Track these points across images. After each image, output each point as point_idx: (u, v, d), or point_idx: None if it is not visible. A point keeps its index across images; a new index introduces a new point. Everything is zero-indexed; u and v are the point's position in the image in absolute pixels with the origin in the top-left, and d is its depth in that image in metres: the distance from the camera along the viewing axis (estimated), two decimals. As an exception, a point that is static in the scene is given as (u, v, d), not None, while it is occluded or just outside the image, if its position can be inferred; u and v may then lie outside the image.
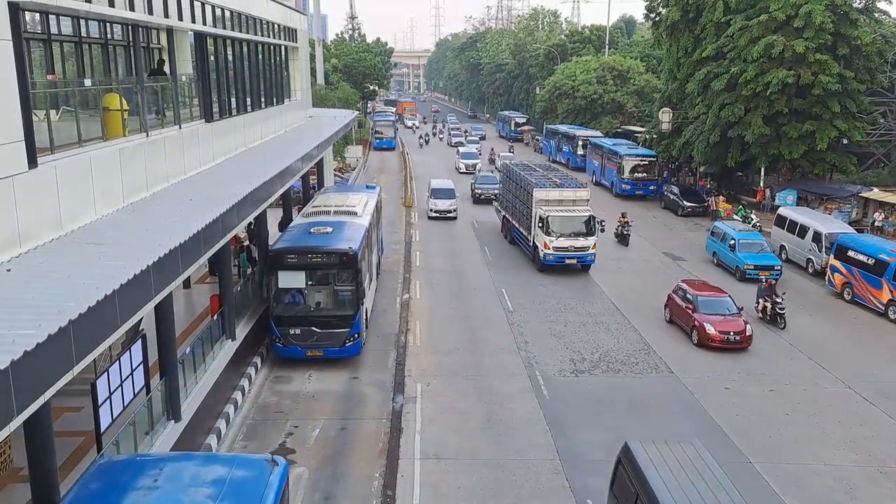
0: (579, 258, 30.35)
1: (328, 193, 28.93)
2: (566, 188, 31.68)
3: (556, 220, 30.06)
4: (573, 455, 16.46)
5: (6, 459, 13.44)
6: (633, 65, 71.78)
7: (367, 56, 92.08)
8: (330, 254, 20.48)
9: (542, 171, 35.64)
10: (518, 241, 34.42)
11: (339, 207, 24.79)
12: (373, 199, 27.75)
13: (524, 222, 32.75)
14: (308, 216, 24.23)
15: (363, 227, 23.20)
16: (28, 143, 11.00)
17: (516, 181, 34.59)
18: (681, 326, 24.29)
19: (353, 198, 26.54)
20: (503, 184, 37.79)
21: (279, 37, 29.16)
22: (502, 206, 37.89)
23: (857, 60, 38.81)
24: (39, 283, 9.64)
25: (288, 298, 20.68)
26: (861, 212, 38.06)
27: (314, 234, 21.60)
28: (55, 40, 15.11)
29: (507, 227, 36.57)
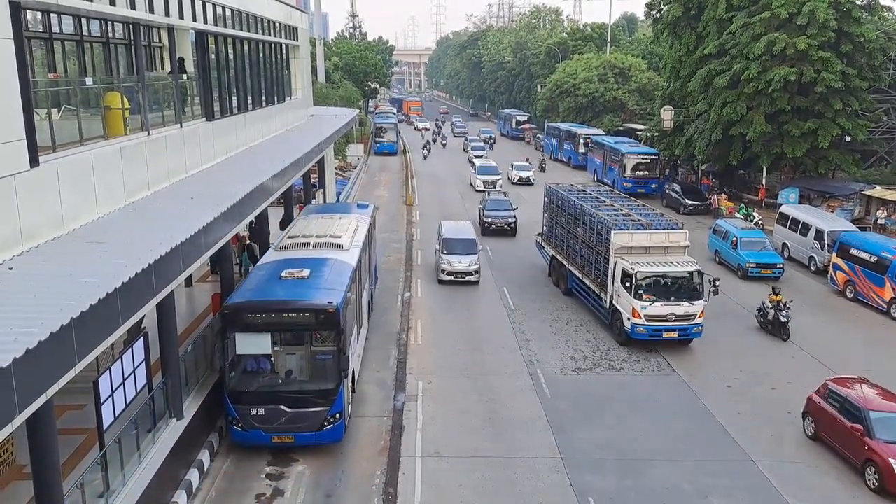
0: (682, 331, 22.08)
1: (310, 217, 23.79)
2: (656, 230, 23.31)
3: (649, 278, 22.08)
4: (574, 453, 16.47)
5: (9, 457, 13.47)
6: (634, 62, 71.71)
7: (369, 54, 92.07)
8: (304, 311, 15.79)
9: (606, 199, 27.50)
10: (579, 294, 26.51)
11: (321, 238, 20.23)
12: (364, 224, 23.38)
13: (590, 272, 25.09)
14: (282, 250, 19.76)
15: (349, 268, 18.69)
16: (29, 142, 11.01)
17: (573, 213, 26.84)
18: (837, 452, 16.45)
19: (340, 223, 22.05)
20: (549, 212, 29.88)
21: (280, 35, 29.15)
22: (548, 241, 30.02)
23: (859, 58, 38.72)
24: (41, 282, 9.66)
25: (248, 367, 15.97)
26: (863, 210, 38.00)
27: (285, 281, 16.95)
28: (56, 39, 15.12)
29: (558, 272, 28.62)
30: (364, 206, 26.99)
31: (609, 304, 23.40)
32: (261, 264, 19.10)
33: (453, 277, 28.73)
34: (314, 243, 19.91)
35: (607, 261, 23.32)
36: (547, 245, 30.11)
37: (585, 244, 25.47)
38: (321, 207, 28.32)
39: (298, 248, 19.69)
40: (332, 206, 29.63)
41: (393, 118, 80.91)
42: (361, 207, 26.79)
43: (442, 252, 29.16)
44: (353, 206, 28.15)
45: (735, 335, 23.91)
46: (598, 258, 24.32)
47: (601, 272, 24.00)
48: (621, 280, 22.54)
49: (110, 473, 12.11)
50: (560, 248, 28.37)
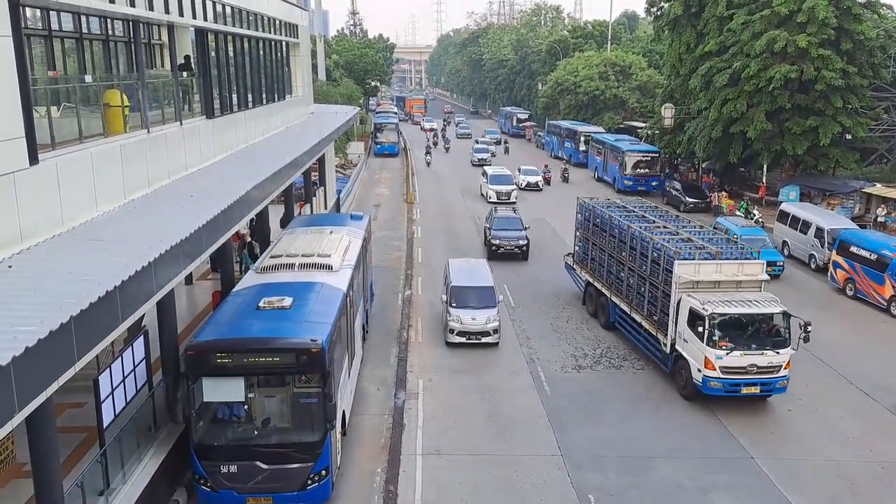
0: (764, 385, 18.26)
1: (296, 231, 21.32)
2: (728, 260, 19.50)
3: (726, 321, 18.10)
4: (574, 451, 16.47)
5: (9, 455, 13.47)
6: (635, 60, 71.70)
7: (369, 52, 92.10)
8: (283, 351, 13.41)
9: (656, 219, 23.63)
10: (625, 330, 22.75)
11: (308, 258, 17.90)
12: (357, 240, 21.13)
13: (640, 306, 21.36)
14: (262, 272, 17.43)
15: (339, 294, 16.35)
16: (29, 140, 10.99)
17: (616, 235, 23.09)
18: None
19: (330, 239, 19.86)
20: (583, 231, 25.96)
21: (280, 33, 29.13)
22: (582, 264, 26.14)
23: (860, 56, 38.69)
24: (41, 280, 9.65)
25: (219, 415, 13.76)
26: (864, 207, 38.00)
27: (263, 312, 14.57)
28: (56, 36, 15.12)
29: (596, 301, 24.79)
30: (358, 218, 24.30)
31: (670, 349, 19.65)
32: (237, 290, 16.48)
33: (465, 339, 22.14)
34: (300, 264, 17.53)
35: (667, 296, 19.60)
36: (580, 269, 26.17)
37: (634, 272, 21.68)
38: (310, 219, 25.12)
39: (281, 270, 17.38)
40: (322, 218, 26.24)
41: (394, 117, 76.85)
42: (355, 219, 24.09)
43: (450, 304, 22.41)
44: (345, 218, 25.20)
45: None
46: (652, 291, 20.59)
47: (657, 308, 20.28)
48: (689, 322, 18.70)
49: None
50: (598, 274, 24.51)
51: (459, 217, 41.72)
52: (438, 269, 30.76)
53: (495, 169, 48.55)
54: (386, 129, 68.81)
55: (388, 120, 71.97)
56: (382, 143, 67.85)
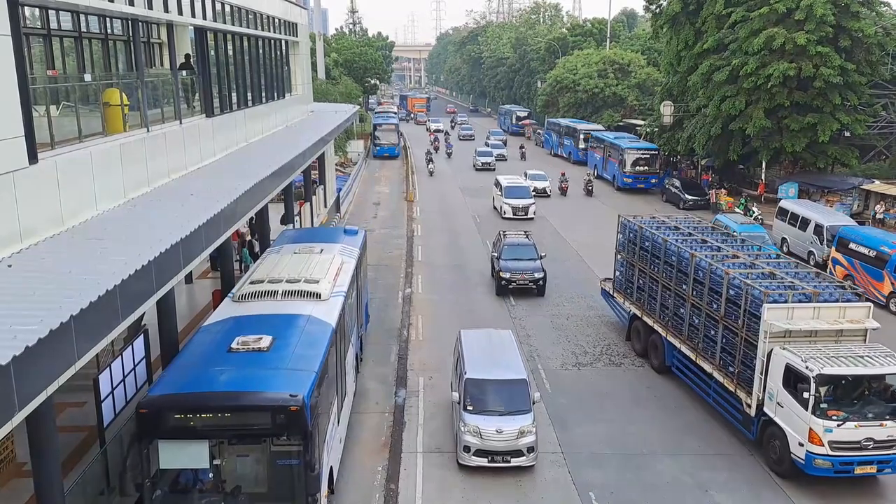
0: (883, 463, 14.78)
1: (282, 250, 19.01)
2: (827, 303, 16.12)
3: (836, 383, 14.90)
4: (575, 447, 16.49)
5: (9, 455, 13.50)
6: (634, 58, 71.76)
7: (368, 50, 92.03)
8: (256, 409, 11.37)
9: (720, 244, 19.94)
10: (686, 378, 19.14)
11: (293, 284, 15.77)
12: (350, 259, 19.12)
13: (711, 353, 17.75)
14: (240, 301, 15.34)
15: (327, 330, 14.23)
16: (28, 139, 10.98)
17: (674, 263, 19.60)
18: None
19: (320, 260, 17.67)
20: (628, 254, 22.41)
21: (279, 31, 29.11)
22: (626, 294, 22.52)
23: (858, 53, 38.71)
24: (41, 279, 9.65)
25: (180, 481, 11.84)
26: (862, 204, 38.05)
27: (235, 356, 12.51)
28: (55, 35, 15.10)
29: (646, 338, 21.20)
30: (352, 233, 22.11)
31: (755, 411, 15.99)
32: (208, 325, 14.28)
33: (486, 461, 15.38)
34: (283, 291, 15.46)
35: (750, 345, 16.06)
36: (623, 298, 22.71)
37: (701, 311, 18.18)
38: (300, 234, 22.81)
39: (262, 299, 15.24)
40: (312, 233, 24.10)
41: (394, 117, 73.08)
42: (349, 234, 21.93)
43: (465, 406, 15.73)
44: (338, 233, 22.54)
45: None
46: (728, 337, 17.01)
47: (735, 359, 16.67)
48: (785, 382, 15.17)
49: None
50: (649, 308, 21.01)
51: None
52: (439, 268, 30.77)
53: (510, 179, 42.98)
54: (385, 129, 65.66)
55: (387, 120, 68.67)
56: (382, 145, 64.86)
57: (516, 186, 41.55)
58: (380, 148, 64.87)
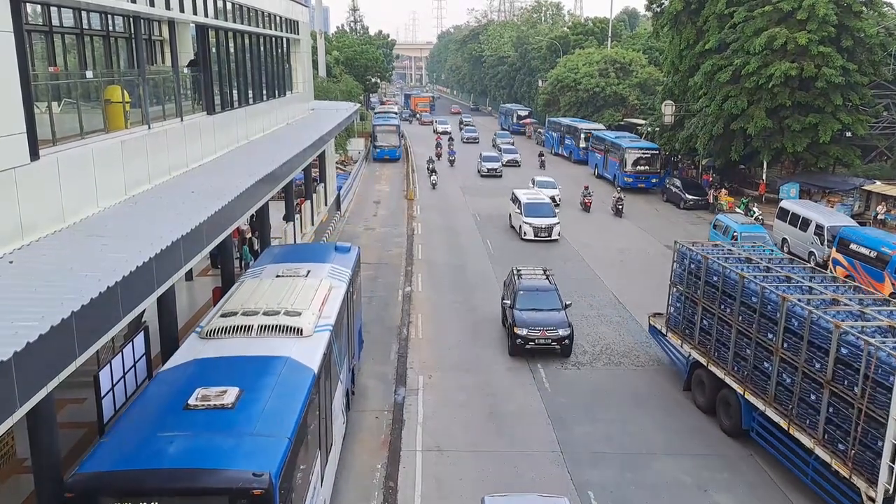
0: None
1: (263, 273, 16.85)
2: None
3: None
4: (574, 447, 16.50)
5: (9, 451, 13.52)
6: (635, 57, 71.74)
7: (369, 49, 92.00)
8: (210, 493, 9.43)
9: (812, 283, 16.62)
10: (773, 448, 15.69)
11: (272, 316, 13.63)
12: (340, 283, 16.86)
13: (813, 424, 14.33)
14: (208, 337, 13.21)
15: (307, 377, 12.13)
16: (30, 136, 11.00)
17: (755, 305, 16.09)
18: None
19: (305, 286, 15.54)
20: (687, 287, 19.05)
21: (281, 29, 29.11)
22: (684, 334, 19.23)
23: (860, 53, 38.72)
24: (42, 275, 9.65)
25: None
26: (863, 205, 38.06)
27: (192, 416, 10.42)
28: (57, 32, 15.11)
29: (712, 392, 17.82)
30: (344, 250, 19.80)
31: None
32: (167, 371, 12.22)
33: None
34: (259, 326, 13.30)
35: (874, 420, 12.70)
36: (681, 340, 19.33)
37: (796, 369, 14.73)
38: (285, 251, 20.50)
39: (233, 336, 13.17)
40: (300, 251, 21.50)
41: (394, 118, 69.91)
42: (340, 251, 19.63)
43: None
44: (328, 251, 19.96)
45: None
46: (839, 406, 13.60)
47: (851, 436, 13.24)
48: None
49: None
50: (718, 356, 17.53)
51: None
52: (438, 266, 30.78)
53: (531, 196, 37.15)
54: (385, 130, 62.67)
55: (387, 121, 65.84)
56: (382, 147, 61.62)
57: (538, 203, 36.11)
58: (380, 150, 61.80)
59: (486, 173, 54.64)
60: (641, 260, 32.36)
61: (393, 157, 61.38)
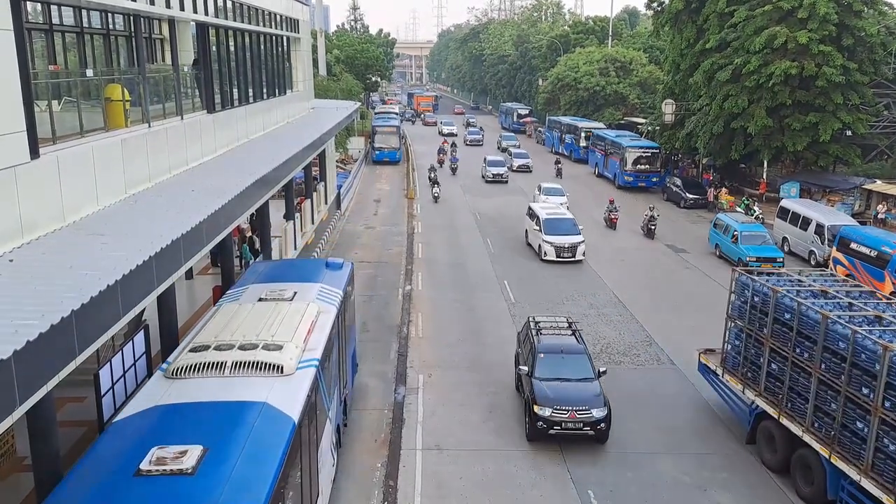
0: None
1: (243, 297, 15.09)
2: None
3: None
4: (574, 445, 16.48)
5: (9, 449, 13.52)
6: (635, 56, 71.74)
7: (370, 47, 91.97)
8: None
9: None
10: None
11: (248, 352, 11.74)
12: (330, 307, 15.21)
13: None
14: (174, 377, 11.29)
15: (286, 429, 10.23)
16: (30, 134, 11.00)
17: (845, 354, 13.27)
18: None
19: (290, 311, 13.89)
20: (747, 323, 16.44)
21: (281, 27, 29.10)
22: (746, 377, 16.49)
23: (860, 52, 38.72)
24: (42, 274, 9.65)
25: None
26: (864, 204, 38.05)
27: (142, 486, 8.62)
28: (57, 30, 15.10)
29: (785, 448, 15.30)
30: (336, 267, 18.03)
31: None
32: (122, 421, 10.35)
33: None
34: (233, 363, 11.41)
35: None
36: (744, 385, 16.44)
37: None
38: (271, 269, 18.24)
39: (204, 374, 11.30)
40: (287, 268, 19.05)
41: (395, 119, 67.41)
42: (332, 268, 17.90)
43: None
44: (318, 268, 18.09)
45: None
46: None
47: None
48: None
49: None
50: (793, 407, 14.85)
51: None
52: (438, 264, 30.77)
53: (551, 211, 32.97)
54: (385, 132, 60.14)
55: (387, 122, 63.27)
56: (382, 149, 59.30)
57: (559, 218, 31.88)
58: (379, 152, 59.39)
59: (491, 179, 51.35)
60: (644, 260, 32.34)
61: (393, 160, 59.43)
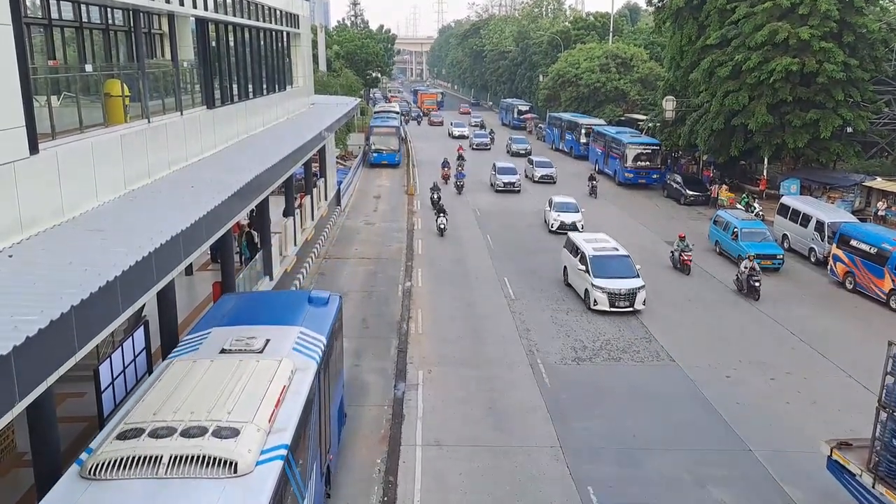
0: None
1: (202, 347, 12.34)
2: None
3: None
4: (573, 442, 16.51)
5: (9, 444, 13.54)
6: (636, 52, 71.67)
7: (370, 43, 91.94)
8: None
9: None
10: None
11: (194, 439, 9.16)
12: (308, 366, 12.04)
13: None
14: (91, 479, 8.63)
15: None
16: (29, 130, 10.99)
17: None
18: None
19: (256, 374, 11.00)
20: None
21: (281, 23, 29.06)
22: None
23: (861, 49, 38.64)
24: (41, 270, 9.65)
25: None
26: (864, 201, 38.01)
27: None
28: (56, 25, 15.05)
29: None
30: (320, 302, 14.84)
31: None
32: None
33: None
34: (172, 457, 8.78)
35: None
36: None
37: None
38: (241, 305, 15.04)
39: (131, 473, 8.68)
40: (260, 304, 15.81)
41: (394, 119, 62.66)
42: (316, 304, 14.71)
43: None
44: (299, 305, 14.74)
45: (736, 325, 23.92)
46: None
47: None
48: None
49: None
50: None
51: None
52: (438, 261, 30.75)
53: (596, 242, 26.38)
54: (383, 133, 56.05)
55: (385, 122, 59.15)
56: (380, 151, 55.04)
57: (611, 256, 25.15)
58: (377, 155, 55.03)
59: (501, 188, 45.64)
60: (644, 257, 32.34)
61: (391, 163, 55.25)
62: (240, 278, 20.77)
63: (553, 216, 35.76)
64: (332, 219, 37.34)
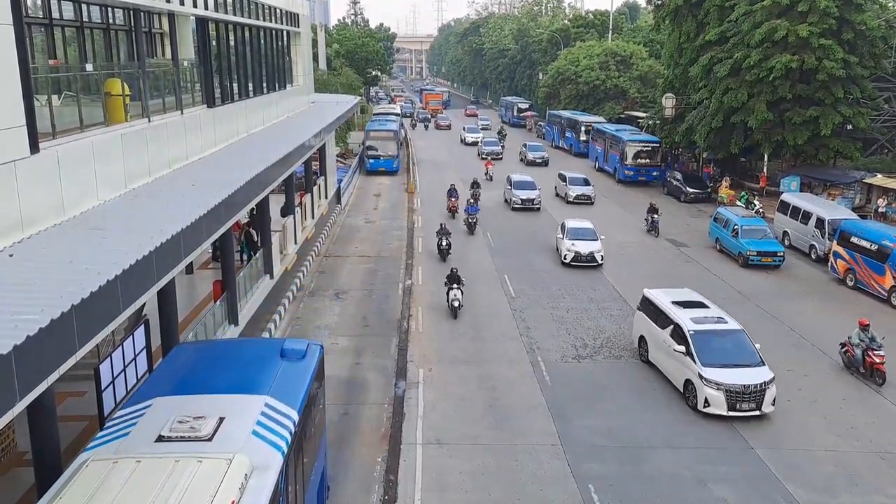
0: None
1: (140, 425, 9.55)
2: None
3: None
4: (574, 440, 16.52)
5: (10, 444, 13.55)
6: (636, 50, 71.61)
7: (370, 41, 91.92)
8: None
9: None
10: None
11: None
12: (270, 467, 8.89)
13: None
14: None
15: None
16: (30, 129, 11.00)
17: None
18: None
19: (193, 482, 8.09)
20: None
21: (281, 21, 29.05)
22: None
23: (861, 46, 38.59)
24: (42, 268, 9.66)
25: None
26: (864, 198, 37.98)
27: None
28: (57, 25, 15.06)
29: None
30: (297, 355, 12.13)
31: None
32: None
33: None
34: None
35: None
36: None
37: None
38: (200, 360, 12.50)
39: None
40: (220, 359, 12.71)
41: (393, 123, 57.80)
42: (290, 358, 12.02)
43: None
44: (270, 361, 11.95)
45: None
46: None
47: None
48: None
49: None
50: None
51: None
52: (439, 260, 30.75)
53: (687, 303, 19.87)
54: (380, 137, 52.41)
55: (384, 126, 54.90)
56: (377, 157, 51.70)
57: (718, 331, 18.53)
58: (373, 161, 51.60)
59: (519, 206, 39.67)
60: (644, 254, 32.35)
61: (389, 169, 51.61)
62: (240, 276, 20.78)
63: (567, 245, 29.30)
64: (333, 217, 37.34)
